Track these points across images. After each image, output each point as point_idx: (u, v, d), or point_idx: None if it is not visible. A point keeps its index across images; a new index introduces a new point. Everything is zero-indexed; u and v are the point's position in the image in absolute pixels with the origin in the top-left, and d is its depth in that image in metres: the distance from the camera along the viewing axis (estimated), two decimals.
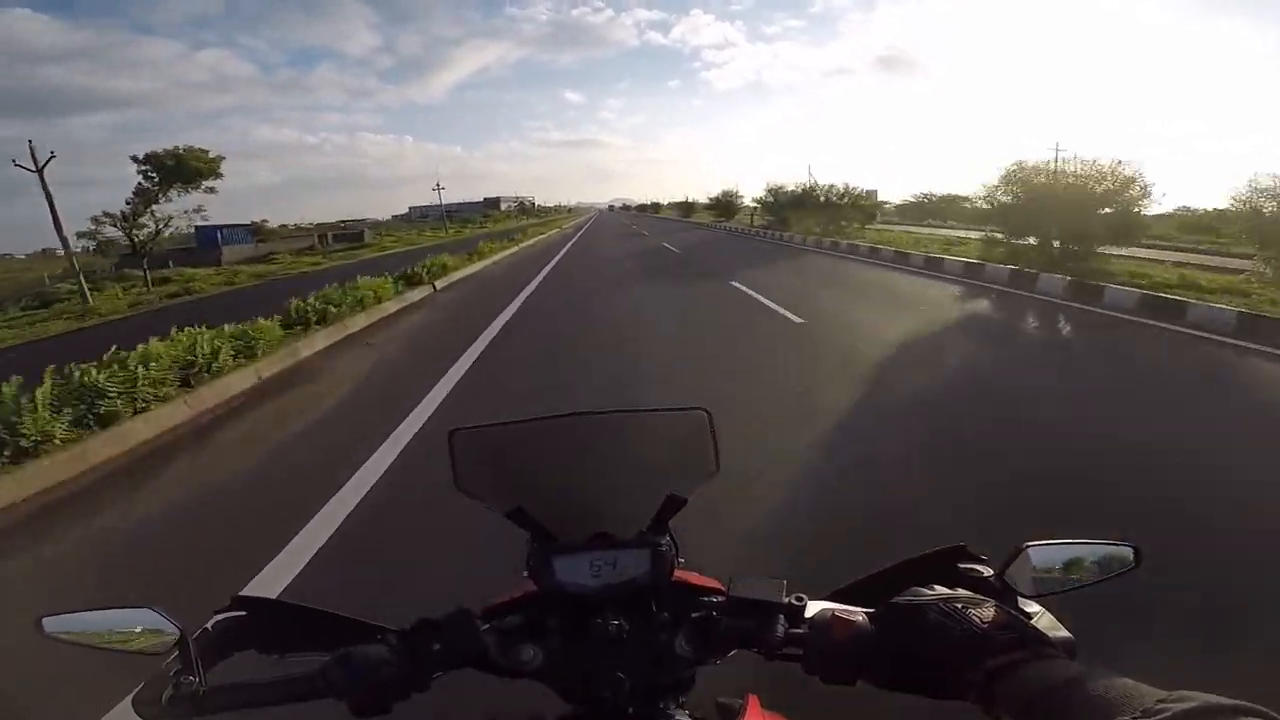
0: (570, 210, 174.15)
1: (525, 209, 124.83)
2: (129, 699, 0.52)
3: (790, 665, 0.55)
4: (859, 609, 0.54)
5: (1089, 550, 0.55)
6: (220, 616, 0.59)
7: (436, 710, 0.69)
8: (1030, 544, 0.53)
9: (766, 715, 0.58)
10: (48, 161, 16.39)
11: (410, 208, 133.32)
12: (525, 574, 0.61)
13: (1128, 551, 0.55)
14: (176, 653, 0.53)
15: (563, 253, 19.89)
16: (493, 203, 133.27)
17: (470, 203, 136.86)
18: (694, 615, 0.59)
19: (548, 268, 14.92)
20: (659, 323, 7.57)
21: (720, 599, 0.59)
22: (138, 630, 0.53)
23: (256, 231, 44.06)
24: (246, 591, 0.76)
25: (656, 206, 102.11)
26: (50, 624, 0.53)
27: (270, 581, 2.37)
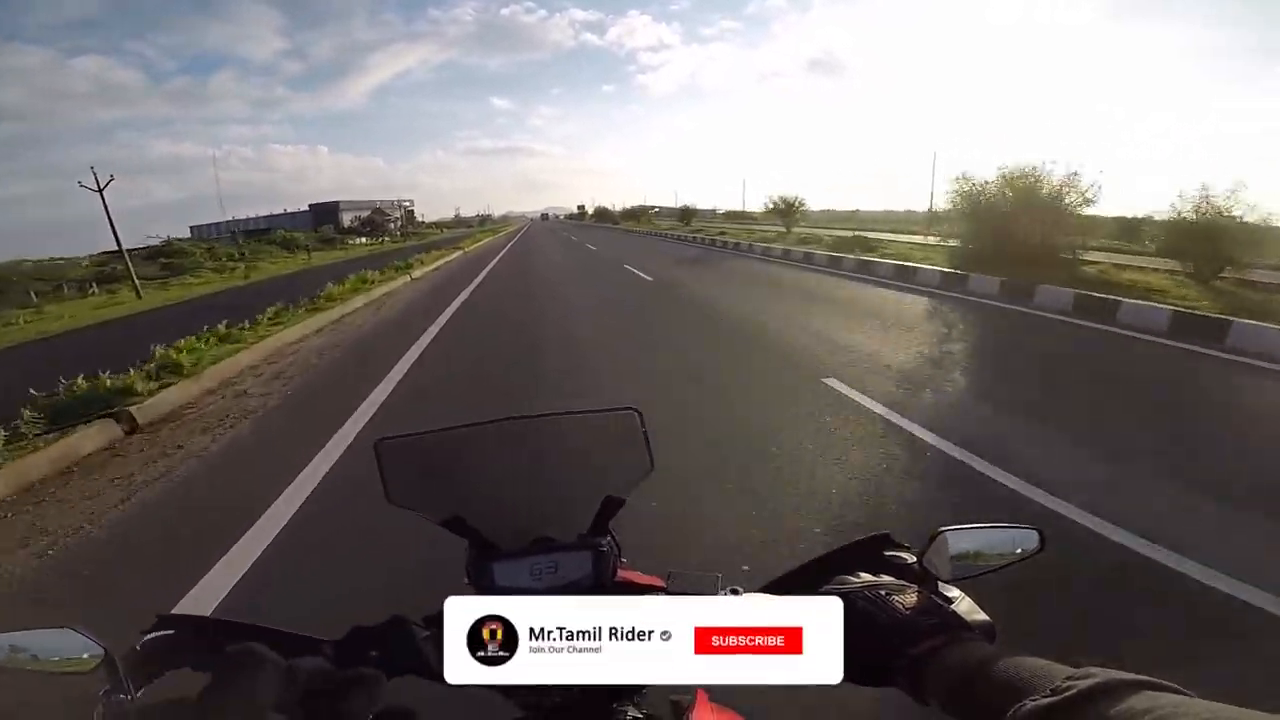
0: (496, 221, 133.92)
1: (376, 225, 64.11)
2: None
3: None
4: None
5: (998, 534, 0.56)
6: (148, 636, 0.55)
7: None
8: (946, 529, 0.53)
9: (714, 708, 0.60)
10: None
11: (191, 227, 79.14)
12: (466, 581, 0.60)
13: (1033, 534, 0.56)
14: (104, 673, 0.50)
15: None
16: (327, 212, 73.71)
17: (284, 215, 78.14)
18: None
19: None
20: None
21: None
22: (61, 654, 0.50)
23: None
24: None
25: (601, 213, 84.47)
26: None
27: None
